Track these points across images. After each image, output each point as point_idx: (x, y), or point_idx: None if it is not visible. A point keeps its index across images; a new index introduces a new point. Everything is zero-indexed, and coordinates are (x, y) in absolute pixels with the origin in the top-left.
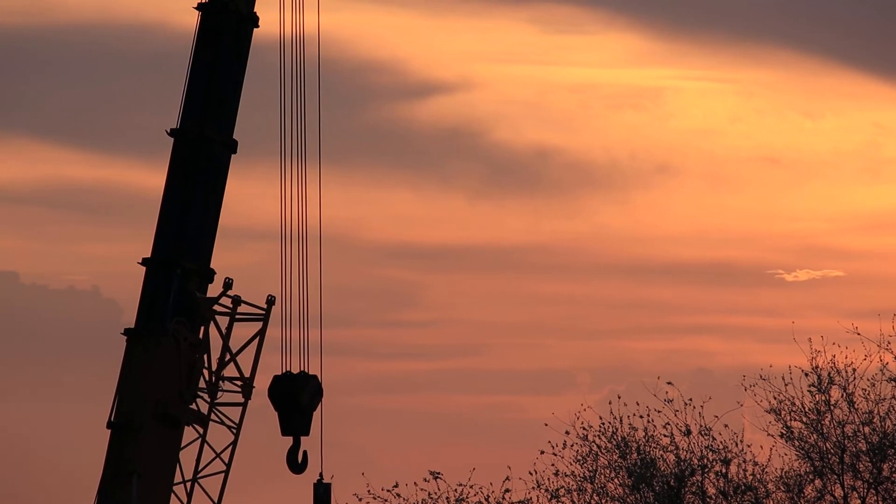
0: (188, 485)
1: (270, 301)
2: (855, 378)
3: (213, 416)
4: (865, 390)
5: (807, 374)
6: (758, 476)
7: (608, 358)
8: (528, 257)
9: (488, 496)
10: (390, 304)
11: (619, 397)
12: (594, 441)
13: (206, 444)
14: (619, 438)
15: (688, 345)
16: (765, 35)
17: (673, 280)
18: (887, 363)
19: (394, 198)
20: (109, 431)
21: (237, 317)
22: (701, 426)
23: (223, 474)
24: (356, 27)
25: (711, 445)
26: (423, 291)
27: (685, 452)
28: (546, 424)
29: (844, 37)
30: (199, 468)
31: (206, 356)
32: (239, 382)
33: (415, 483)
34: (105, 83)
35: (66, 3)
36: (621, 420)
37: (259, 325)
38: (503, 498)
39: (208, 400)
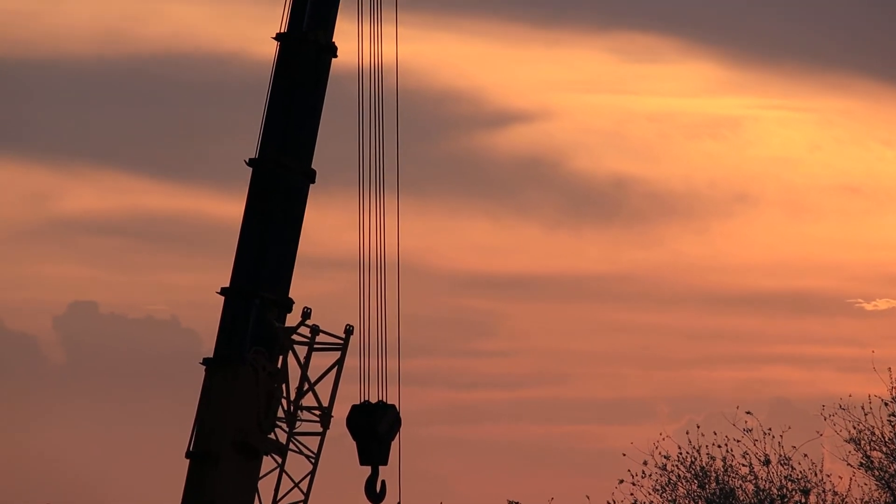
0: None
1: (349, 330)
2: None
3: (291, 446)
4: None
5: (886, 404)
6: None
7: (687, 387)
8: (606, 286)
9: None
10: (468, 334)
11: (698, 427)
12: (673, 470)
13: (284, 474)
14: (698, 468)
15: (766, 374)
16: (843, 64)
17: (752, 309)
18: None
19: (471, 227)
20: (188, 461)
21: (315, 346)
22: (780, 456)
23: (302, 503)
24: (434, 57)
25: (791, 475)
26: (501, 320)
27: (764, 482)
28: (624, 454)
29: None
30: (278, 498)
31: (284, 386)
32: (317, 412)
33: None
34: (184, 113)
35: (145, 34)
36: (699, 449)
37: (337, 354)
38: None
39: (287, 429)
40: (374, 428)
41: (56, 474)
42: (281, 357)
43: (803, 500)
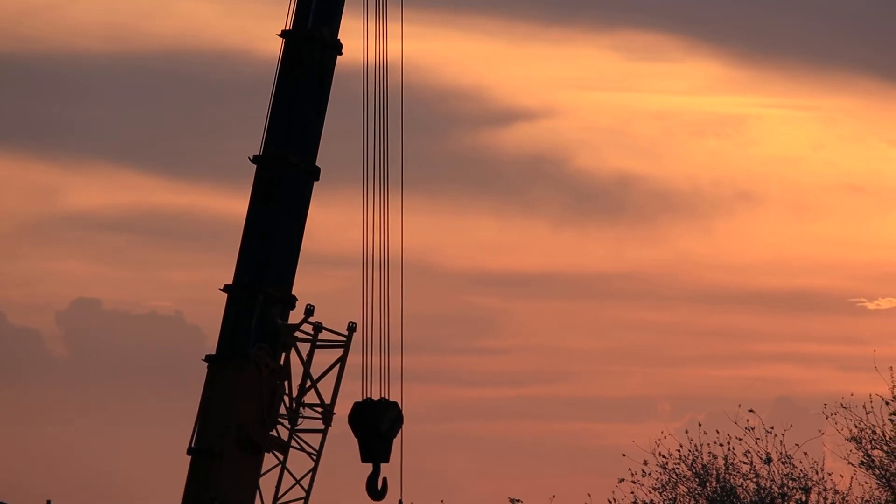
0: None
1: (352, 328)
2: None
3: (293, 443)
4: None
5: (888, 403)
6: None
7: (689, 385)
8: (610, 284)
9: None
10: (472, 331)
11: (700, 425)
12: (674, 469)
13: (286, 471)
14: (699, 466)
15: (769, 373)
16: (847, 62)
17: (754, 308)
18: None
19: (476, 225)
20: (190, 457)
21: (318, 343)
22: (781, 454)
23: (303, 500)
24: (440, 55)
25: (792, 473)
26: (505, 318)
27: (765, 480)
28: (624, 455)
29: None
30: (280, 494)
31: (287, 382)
32: (319, 409)
33: None
34: (188, 110)
35: (150, 30)
36: (701, 448)
37: (340, 351)
38: None
39: (289, 426)
40: (376, 425)
41: (58, 470)
42: (283, 354)
43: (804, 499)
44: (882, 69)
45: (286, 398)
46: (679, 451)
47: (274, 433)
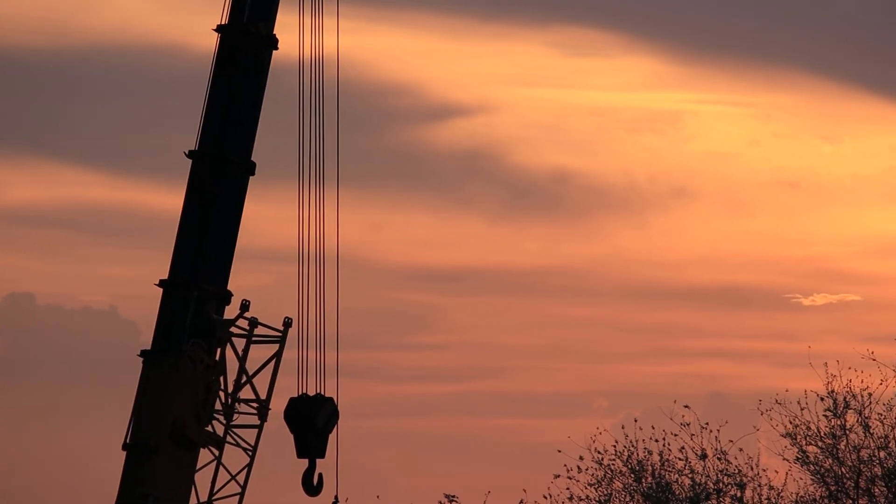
0: None
1: (287, 323)
2: (871, 403)
3: (228, 438)
4: (881, 415)
5: (823, 399)
6: (773, 500)
7: (624, 382)
8: (545, 280)
9: None
10: (407, 327)
11: (635, 421)
12: (609, 465)
13: (221, 466)
14: (635, 462)
15: (704, 369)
16: (783, 59)
17: (690, 304)
18: None
19: (412, 220)
20: (125, 453)
21: (254, 339)
22: (716, 450)
23: (238, 496)
24: (376, 50)
25: (727, 469)
26: (440, 314)
27: (701, 476)
28: (559, 451)
29: (864, 61)
30: (215, 490)
31: (222, 378)
32: (255, 404)
33: None
34: (124, 105)
35: (85, 25)
36: (636, 444)
37: (276, 347)
38: None
39: (224, 422)
40: (312, 421)
41: None
42: (219, 349)
43: (739, 495)
44: (818, 66)
45: (221, 394)
46: (615, 447)
47: (209, 429)
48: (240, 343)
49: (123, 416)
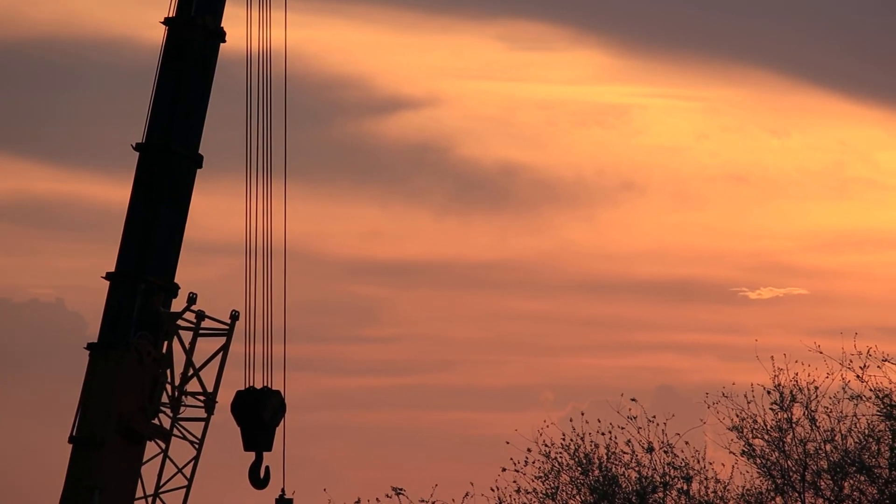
0: (150, 499)
1: (234, 316)
2: (817, 396)
3: (175, 431)
4: (827, 408)
5: (769, 392)
6: (719, 493)
7: (571, 375)
8: (493, 274)
9: None
10: (354, 320)
11: (582, 414)
12: (557, 458)
13: (168, 459)
14: (582, 455)
15: (651, 362)
16: (731, 53)
17: (637, 297)
18: (849, 381)
19: (360, 213)
20: (71, 445)
21: (201, 332)
22: (663, 443)
23: (185, 489)
24: (323, 43)
25: (673, 462)
26: (388, 307)
27: (647, 469)
28: (507, 442)
29: (811, 55)
30: (161, 483)
31: (169, 371)
32: (202, 397)
33: (377, 499)
34: (71, 97)
35: (32, 16)
36: (583, 437)
37: (223, 340)
38: None
39: (171, 415)
40: (259, 414)
41: None
42: (166, 342)
43: (685, 488)
44: (765, 60)
45: (168, 386)
46: (562, 440)
47: (156, 421)
48: (187, 336)
49: (70, 409)
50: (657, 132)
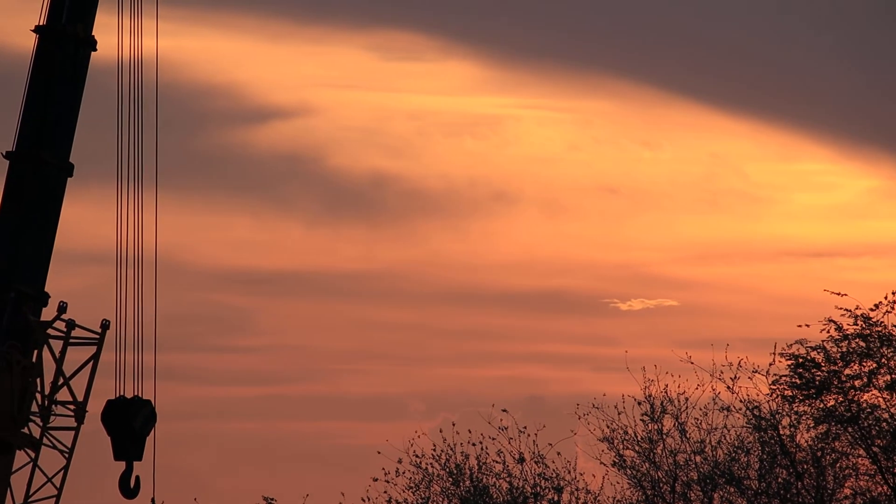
0: None
1: (105, 325)
2: (687, 407)
3: (45, 440)
4: (697, 419)
5: (640, 403)
6: None
7: (442, 385)
8: (362, 284)
9: None
10: (225, 330)
11: (453, 424)
12: (427, 468)
13: (37, 468)
14: (453, 465)
15: (522, 373)
16: (603, 65)
17: (507, 308)
18: (719, 392)
19: (231, 223)
20: None
21: (71, 341)
22: (534, 454)
23: (54, 498)
24: (195, 52)
25: (544, 473)
26: (258, 317)
27: (518, 480)
28: (379, 452)
29: (681, 68)
30: (31, 492)
31: (39, 380)
32: (72, 406)
33: None
34: None
35: None
36: (454, 447)
37: (93, 349)
38: None
39: (41, 424)
40: (130, 423)
41: None
42: (36, 351)
43: (556, 498)
44: (636, 72)
45: (38, 395)
46: (433, 450)
47: (25, 431)
48: (57, 345)
49: None
50: (529, 143)
